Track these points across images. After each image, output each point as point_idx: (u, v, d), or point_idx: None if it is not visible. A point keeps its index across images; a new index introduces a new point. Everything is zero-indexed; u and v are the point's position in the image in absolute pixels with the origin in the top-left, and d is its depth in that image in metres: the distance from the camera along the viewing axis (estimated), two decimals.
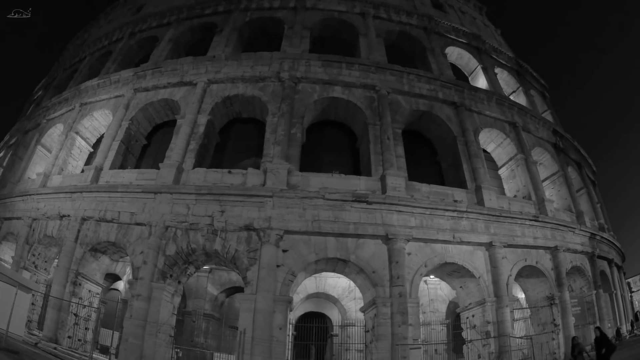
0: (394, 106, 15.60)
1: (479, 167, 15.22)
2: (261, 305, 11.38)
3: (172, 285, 13.04)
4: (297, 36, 17.46)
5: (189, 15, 18.92)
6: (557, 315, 15.28)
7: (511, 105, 18.36)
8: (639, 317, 31.31)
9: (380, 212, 12.80)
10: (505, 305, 13.26)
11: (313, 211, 12.63)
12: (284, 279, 12.04)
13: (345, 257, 12.38)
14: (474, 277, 13.52)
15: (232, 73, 15.81)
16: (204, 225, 12.84)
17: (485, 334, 13.14)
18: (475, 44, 20.86)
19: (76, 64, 20.62)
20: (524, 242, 14.82)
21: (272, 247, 12.18)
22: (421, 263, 12.85)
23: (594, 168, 23.42)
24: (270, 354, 10.88)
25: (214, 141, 16.06)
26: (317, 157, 15.72)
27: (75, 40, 22.53)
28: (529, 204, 16.29)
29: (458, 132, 15.90)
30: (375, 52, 17.33)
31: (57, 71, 21.63)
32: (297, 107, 14.95)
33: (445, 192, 14.29)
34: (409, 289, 12.31)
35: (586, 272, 17.51)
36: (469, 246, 13.67)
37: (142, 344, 11.54)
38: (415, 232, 12.84)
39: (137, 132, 16.49)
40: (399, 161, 14.26)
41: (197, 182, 13.82)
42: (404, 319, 11.75)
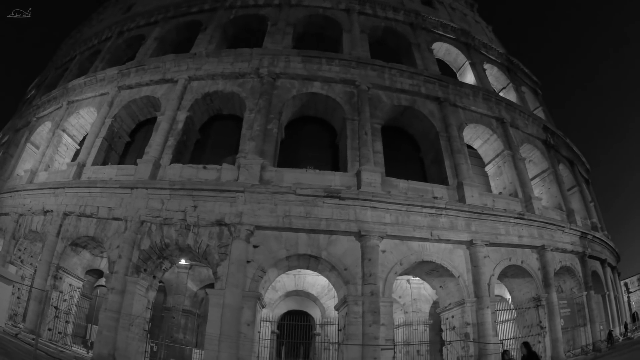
0: (375, 101, 14.77)
1: (462, 163, 14.25)
2: (229, 300, 10.88)
3: (147, 280, 12.62)
4: (280, 33, 16.79)
5: (176, 14, 18.46)
6: (544, 317, 14.18)
7: (499, 100, 17.29)
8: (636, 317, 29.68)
9: (353, 208, 12.00)
10: (486, 306, 12.29)
11: (284, 207, 11.94)
12: (254, 274, 11.44)
13: (316, 254, 11.63)
14: (454, 277, 12.60)
15: (212, 70, 15.24)
16: (178, 220, 12.34)
17: (465, 336, 12.18)
18: (464, 39, 19.84)
19: (67, 62, 20.43)
20: (508, 240, 13.80)
21: (242, 242, 11.61)
22: (396, 261, 11.99)
23: (587, 166, 22.06)
24: (237, 350, 10.37)
25: (193, 138, 15.49)
26: (296, 153, 15.00)
27: (69, 40, 22.40)
28: (515, 201, 15.23)
29: (441, 128, 14.96)
30: (357, 48, 16.52)
31: (50, 70, 21.51)
32: (275, 102, 14.27)
33: (424, 188, 13.39)
34: (382, 287, 11.47)
35: (576, 273, 16.31)
36: (448, 244, 12.74)
37: (116, 337, 11.24)
38: (390, 229, 11.99)
39: (120, 129, 16.06)
40: (377, 157, 13.43)
41: (173, 177, 13.32)
42: (375, 319, 10.92)
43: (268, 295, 15.11)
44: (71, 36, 22.05)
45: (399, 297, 15.79)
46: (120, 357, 11.09)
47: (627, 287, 31.52)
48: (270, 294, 15.07)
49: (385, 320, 11.20)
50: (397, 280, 15.67)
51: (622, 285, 31.65)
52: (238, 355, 10.36)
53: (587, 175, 22.13)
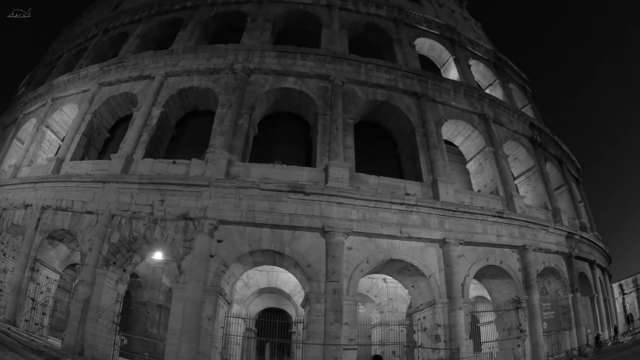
0: (349, 96, 13.97)
1: (438, 159, 13.32)
2: (191, 294, 10.40)
3: (116, 273, 12.25)
4: (259, 29, 16.16)
5: (159, 12, 18.05)
6: (524, 320, 13.08)
7: (481, 96, 16.27)
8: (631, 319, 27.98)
9: (318, 204, 11.24)
10: (458, 307, 11.34)
11: (249, 201, 11.29)
12: (216, 269, 10.89)
13: (280, 250, 10.94)
14: (425, 276, 11.70)
15: (188, 66, 14.73)
16: (146, 214, 11.90)
17: (435, 338, 11.24)
18: (449, 35, 18.84)
19: (55, 60, 20.28)
20: (485, 239, 12.81)
21: (205, 236, 11.06)
22: (362, 259, 11.16)
23: (578, 165, 20.72)
24: (197, 345, 9.91)
25: (169, 133, 14.97)
26: (270, 148, 14.32)
27: (60, 38, 22.26)
28: (495, 199, 14.19)
29: (417, 123, 14.06)
30: (335, 43, 15.75)
31: (39, 68, 21.40)
32: (247, 98, 13.65)
33: (396, 184, 12.52)
34: (346, 285, 10.66)
35: (562, 274, 15.14)
36: (419, 242, 11.84)
37: (84, 328, 10.89)
38: (356, 225, 11.17)
39: (99, 125, 15.67)
40: (347, 152, 12.62)
41: (145, 172, 12.86)
42: (337, 317, 10.13)
43: (240, 292, 14.47)
44: (62, 34, 21.93)
45: (375, 296, 14.92)
46: (88, 347, 10.75)
47: (622, 288, 29.77)
48: (243, 290, 14.41)
49: (348, 319, 10.40)
50: (372, 279, 14.89)
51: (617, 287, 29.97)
52: (198, 350, 9.91)
53: (578, 174, 20.80)
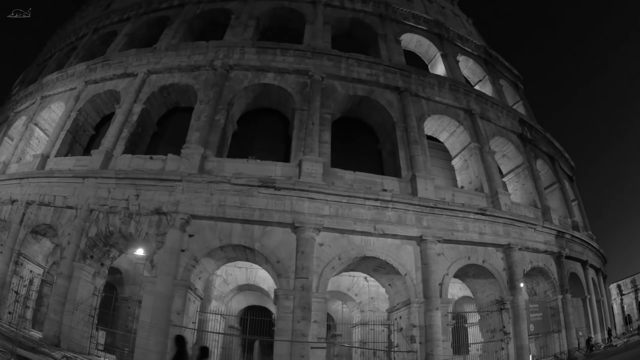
0: (328, 91, 13.44)
1: (417, 155, 12.66)
2: (160, 288, 10.11)
3: (93, 267, 12.05)
4: (242, 25, 15.78)
5: (147, 10, 17.87)
6: (508, 321, 12.26)
7: (468, 91, 15.51)
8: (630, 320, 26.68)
9: (289, 199, 10.72)
10: (435, 307, 10.66)
11: (220, 196, 10.89)
12: (186, 263, 10.52)
13: (250, 245, 10.48)
14: (401, 275, 10.98)
15: (170, 63, 14.43)
16: (121, 209, 11.67)
17: (410, 339, 10.56)
18: (437, 31, 18.13)
19: (47, 60, 20.31)
20: (466, 237, 12.09)
21: (177, 231, 10.71)
22: (334, 255, 10.59)
23: (572, 163, 19.70)
24: (165, 338, 9.59)
25: (150, 130, 14.69)
26: (249, 144, 13.90)
27: (53, 37, 22.30)
28: (479, 196, 13.44)
29: (398, 119, 13.43)
30: (318, 39, 15.25)
31: (32, 67, 21.47)
32: (226, 94, 13.28)
33: (373, 180, 11.91)
34: (316, 282, 10.13)
35: (551, 275, 14.28)
36: (395, 240, 11.21)
37: (61, 320, 10.77)
38: (327, 221, 10.62)
39: (85, 123, 15.50)
40: (323, 147, 12.09)
41: (123, 167, 12.64)
42: (305, 315, 9.60)
43: (219, 288, 14.04)
44: (56, 33, 21.98)
45: (356, 295, 14.29)
46: (65, 339, 10.55)
47: (620, 289, 28.37)
48: (222, 287, 13.97)
49: (318, 317, 9.86)
50: (353, 277, 14.27)
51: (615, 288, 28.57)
52: (166, 343, 9.55)
53: (572, 172, 19.77)
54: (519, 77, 21.02)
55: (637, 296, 27.20)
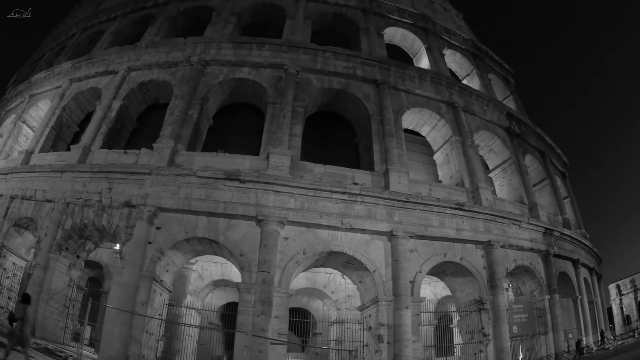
0: (303, 85, 13.03)
1: (392, 148, 12.08)
2: (126, 279, 10.02)
3: (68, 258, 12.05)
4: (222, 22, 15.55)
5: (133, 9, 17.86)
6: (488, 322, 11.49)
7: (450, 84, 14.82)
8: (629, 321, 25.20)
9: (255, 192, 10.34)
10: (404, 306, 10.06)
11: (187, 189, 10.65)
12: (152, 255, 10.35)
13: (214, 238, 10.19)
14: (369, 271, 10.39)
15: (149, 60, 14.32)
16: (95, 202, 11.62)
17: (378, 338, 9.97)
18: (423, 24, 17.47)
19: (39, 59, 20.55)
20: (442, 233, 11.44)
21: (144, 223, 10.56)
22: (299, 250, 10.14)
23: (564, 159, 18.65)
24: (129, 328, 9.53)
25: (129, 126, 14.59)
26: (225, 139, 13.61)
27: (47, 37, 22.57)
28: (459, 191, 12.75)
29: (374, 111, 12.90)
30: (297, 33, 14.85)
31: (25, 66, 21.77)
32: (200, 89, 13.07)
33: (344, 173, 11.41)
34: (278, 276, 9.69)
35: (537, 274, 13.42)
36: (364, 235, 10.66)
37: (37, 310, 10.68)
38: (292, 214, 10.18)
39: (69, 119, 15.53)
40: (294, 140, 11.67)
41: (99, 161, 12.54)
42: (265, 309, 9.20)
43: (194, 283, 13.74)
44: (50, 33, 22.23)
45: (332, 292, 13.75)
46: (40, 328, 10.55)
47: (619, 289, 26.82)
48: (197, 282, 13.68)
49: (279, 312, 9.44)
50: (330, 274, 13.76)
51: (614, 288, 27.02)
52: (131, 334, 9.48)
53: (564, 168, 18.72)
54: (509, 72, 20.11)
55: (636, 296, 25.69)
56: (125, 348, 9.45)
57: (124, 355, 9.43)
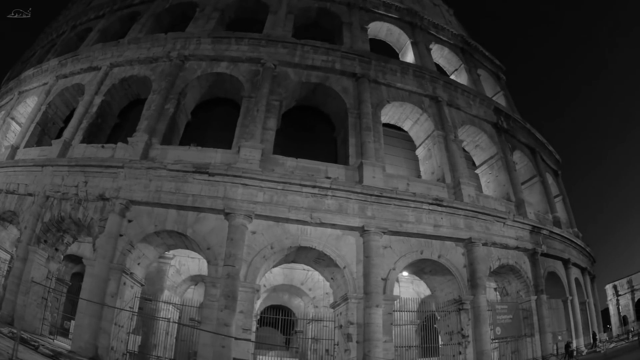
0: (280, 79, 12.80)
1: (368, 142, 11.72)
2: (97, 270, 10.06)
3: (47, 251, 12.09)
4: (205, 18, 15.46)
5: (120, 6, 17.98)
6: (468, 323, 10.97)
7: (434, 78, 14.37)
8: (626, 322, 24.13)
9: (223, 185, 10.14)
10: (375, 304, 9.68)
11: (158, 182, 10.57)
12: (123, 248, 10.30)
13: (182, 231, 10.05)
14: (340, 267, 10.02)
15: (131, 56, 14.33)
16: (72, 195, 11.69)
17: (347, 337, 9.58)
18: (409, 19, 17.06)
19: (31, 57, 20.80)
20: (418, 230, 11.02)
21: (116, 216, 10.54)
22: (266, 244, 9.88)
23: (557, 156, 17.91)
24: (99, 320, 9.54)
25: (111, 121, 14.58)
26: (203, 133, 13.48)
27: (40, 36, 22.83)
28: (439, 186, 12.30)
29: (352, 105, 12.58)
30: (278, 28, 14.64)
31: (17, 65, 22.08)
32: (178, 83, 13.02)
33: (316, 167, 11.11)
34: (244, 271, 9.46)
35: (523, 273, 12.84)
36: (335, 230, 10.33)
37: (16, 300, 10.86)
38: (260, 208, 9.93)
39: (54, 116, 15.63)
40: (267, 134, 11.42)
41: (78, 155, 12.55)
42: (229, 303, 8.99)
43: (172, 278, 13.62)
44: (44, 32, 22.52)
45: (309, 289, 13.42)
46: (18, 319, 10.57)
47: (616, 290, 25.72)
48: (175, 277, 13.56)
49: (244, 307, 9.16)
50: (308, 271, 13.43)
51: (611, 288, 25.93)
52: (100, 325, 9.48)
53: (557, 166, 17.97)
54: (500, 68, 19.49)
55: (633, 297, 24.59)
56: (94, 339, 9.41)
57: (93, 346, 9.40)
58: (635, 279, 24.06)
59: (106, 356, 9.44)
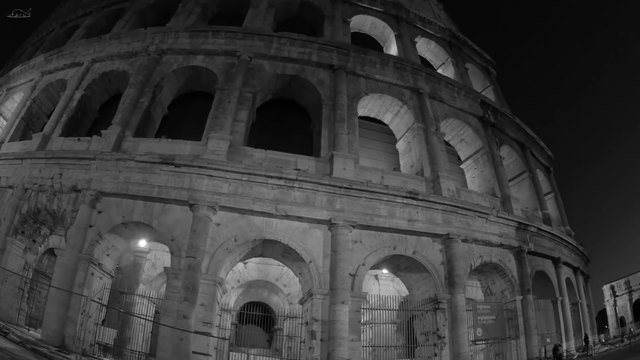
0: (254, 71, 12.71)
1: (341, 133, 11.47)
2: (65, 260, 10.11)
3: (24, 242, 12.29)
4: (186, 12, 15.53)
5: (107, 4, 18.32)
6: (444, 324, 10.51)
7: (416, 70, 14.02)
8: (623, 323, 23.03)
9: (189, 177, 10.06)
10: (340, 301, 9.39)
11: (126, 174, 10.62)
12: (92, 239, 10.36)
13: (148, 222, 10.07)
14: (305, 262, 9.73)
15: (111, 51, 14.51)
16: (48, 187, 11.89)
17: (311, 334, 9.26)
18: (395, 12, 16.77)
19: (21, 55, 21.23)
20: (391, 224, 10.68)
21: (87, 207, 10.64)
22: (230, 236, 9.75)
23: (549, 153, 17.21)
24: (67, 308, 9.59)
25: (91, 116, 14.77)
26: (180, 127, 13.40)
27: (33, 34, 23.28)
28: (416, 180, 11.93)
29: (327, 96, 12.40)
30: (257, 21, 14.59)
31: (9, 63, 22.58)
32: (154, 77, 13.08)
33: (286, 159, 10.91)
34: (206, 263, 9.32)
35: (508, 272, 12.28)
36: (302, 223, 10.10)
37: None
38: (224, 199, 9.80)
39: (39, 111, 15.89)
40: (237, 125, 11.31)
41: (56, 148, 12.68)
42: (189, 295, 8.86)
43: (147, 272, 13.56)
44: (37, 30, 23.00)
45: (284, 285, 13.16)
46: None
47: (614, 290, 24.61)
48: (150, 271, 13.53)
49: (205, 300, 9.00)
50: (283, 267, 13.12)
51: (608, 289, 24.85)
52: (67, 315, 9.53)
53: (549, 162, 17.28)
54: (490, 62, 18.95)
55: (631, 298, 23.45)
56: (62, 328, 9.47)
57: (60, 335, 9.45)
58: (633, 280, 23.00)
59: (72, 345, 9.42)
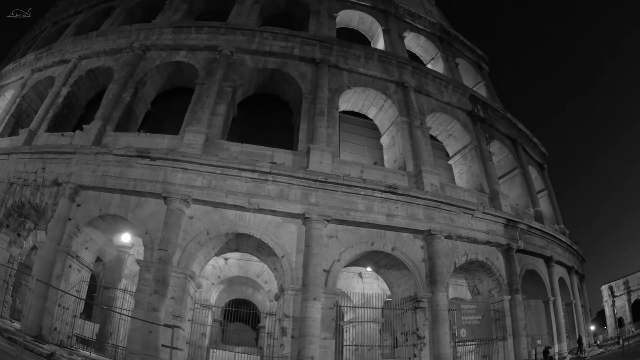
0: (235, 65, 12.76)
1: (320, 127, 11.39)
2: (44, 252, 10.28)
3: (9, 235, 12.55)
4: (172, 9, 15.74)
5: (98, 2, 18.67)
6: (424, 323, 10.22)
7: (401, 63, 13.84)
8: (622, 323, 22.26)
9: (164, 170, 10.15)
10: (312, 297, 9.26)
11: (105, 167, 10.82)
12: (70, 231, 10.52)
13: (124, 215, 10.19)
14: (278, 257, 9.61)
15: (98, 48, 14.78)
16: (31, 181, 12.16)
17: (281, 331, 9.12)
18: (383, 7, 16.66)
19: (15, 54, 21.75)
20: (369, 219, 10.51)
21: (66, 200, 10.82)
22: (203, 229, 9.71)
23: (543, 149, 16.71)
24: (44, 299, 9.69)
25: (77, 112, 15.03)
26: (162, 122, 13.50)
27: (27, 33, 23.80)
28: (398, 174, 11.76)
29: (307, 90, 12.36)
30: (242, 17, 14.64)
31: (4, 62, 23.13)
32: (137, 72, 13.21)
33: (262, 152, 10.88)
34: (178, 256, 9.41)
35: (495, 270, 11.91)
36: (275, 217, 10.00)
37: None
38: (197, 192, 9.81)
39: (28, 108, 16.24)
40: (215, 119, 11.34)
41: (40, 143, 12.94)
42: (159, 288, 8.93)
43: (130, 267, 13.61)
44: (31, 29, 23.52)
45: (265, 282, 13.06)
46: None
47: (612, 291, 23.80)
48: (133, 266, 13.51)
49: (175, 293, 9.07)
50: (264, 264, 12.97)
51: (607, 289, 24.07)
52: (45, 306, 9.65)
53: (543, 159, 16.79)
54: (483, 58, 18.62)
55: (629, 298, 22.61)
56: (39, 319, 9.59)
57: (38, 326, 9.58)
58: (632, 280, 22.19)
59: (49, 336, 9.53)
